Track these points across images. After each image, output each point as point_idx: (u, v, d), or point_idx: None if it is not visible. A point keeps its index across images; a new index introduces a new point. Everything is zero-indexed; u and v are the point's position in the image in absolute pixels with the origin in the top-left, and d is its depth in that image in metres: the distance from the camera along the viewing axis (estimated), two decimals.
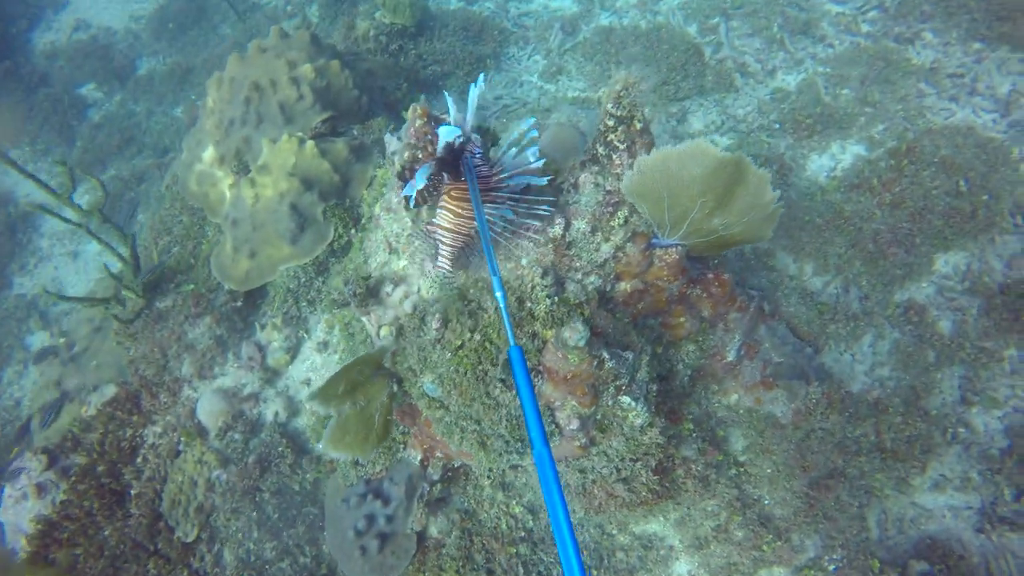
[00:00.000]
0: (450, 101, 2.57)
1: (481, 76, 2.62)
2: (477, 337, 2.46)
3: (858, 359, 4.26)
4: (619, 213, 2.67)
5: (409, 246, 2.89)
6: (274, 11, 8.92)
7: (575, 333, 2.35)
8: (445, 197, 2.62)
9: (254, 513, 3.91)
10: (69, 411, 5.24)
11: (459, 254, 2.74)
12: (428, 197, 2.67)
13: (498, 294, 2.12)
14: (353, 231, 3.91)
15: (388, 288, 2.82)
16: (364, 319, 2.96)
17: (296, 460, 4.01)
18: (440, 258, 2.72)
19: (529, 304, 2.55)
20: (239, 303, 4.42)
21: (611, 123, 2.67)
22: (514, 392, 2.47)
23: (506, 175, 2.62)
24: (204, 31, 9.46)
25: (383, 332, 2.77)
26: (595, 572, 3.61)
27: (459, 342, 2.47)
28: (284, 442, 4.02)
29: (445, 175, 2.60)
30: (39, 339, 7.35)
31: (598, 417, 2.71)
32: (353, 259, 3.34)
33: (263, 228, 4.18)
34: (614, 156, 2.71)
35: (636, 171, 2.45)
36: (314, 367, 4.20)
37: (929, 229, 4.61)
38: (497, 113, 6.19)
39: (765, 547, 3.52)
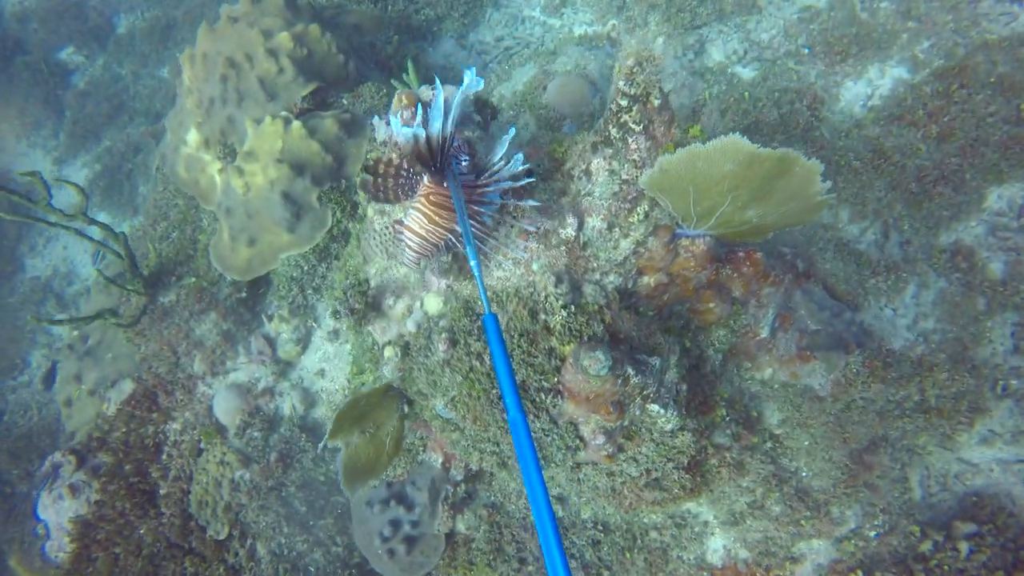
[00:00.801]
0: (439, 95, 2.21)
1: (471, 72, 2.25)
2: (488, 361, 2.25)
3: (900, 313, 3.98)
4: (639, 208, 2.37)
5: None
6: None
7: (596, 363, 2.13)
8: (422, 199, 2.36)
9: (282, 508, 3.90)
10: (91, 405, 5.25)
11: (423, 258, 2.51)
12: (399, 196, 2.41)
13: (472, 263, 2.10)
14: (350, 221, 3.65)
15: (389, 300, 2.61)
16: (368, 328, 2.76)
17: (319, 452, 3.95)
18: (405, 259, 2.51)
19: (543, 316, 2.32)
20: (243, 294, 4.25)
21: (624, 103, 2.33)
22: (532, 415, 2.29)
23: (491, 189, 2.35)
24: None
25: (387, 352, 2.58)
26: (628, 553, 3.55)
27: (468, 366, 2.26)
28: (304, 436, 3.95)
29: (425, 176, 2.34)
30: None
31: (625, 424, 2.53)
32: (351, 257, 3.11)
33: (258, 216, 3.93)
34: (630, 140, 2.38)
35: (658, 168, 2.14)
36: (326, 357, 4.07)
37: (982, 163, 4.18)
38: (499, 57, 5.70)
39: (804, 522, 3.41)
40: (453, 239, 2.37)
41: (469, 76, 2.27)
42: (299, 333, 4.08)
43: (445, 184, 2.29)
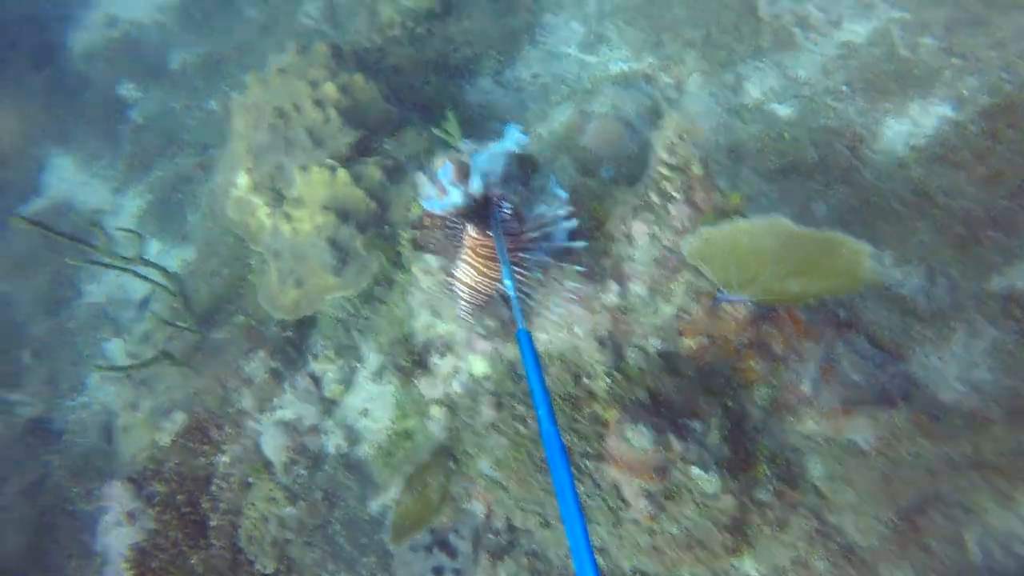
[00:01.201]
0: (477, 162, 2.24)
1: (515, 128, 2.29)
2: (533, 425, 2.31)
3: (949, 363, 3.90)
4: (680, 276, 2.42)
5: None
6: None
7: (641, 437, 2.17)
8: (468, 251, 2.40)
9: (327, 545, 4.01)
10: (146, 432, 5.48)
11: (477, 308, 2.58)
12: (446, 249, 2.47)
13: (507, 282, 2.17)
14: (394, 268, 3.76)
15: (435, 358, 2.69)
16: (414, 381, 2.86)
17: (362, 491, 4.06)
18: (459, 311, 2.55)
19: (586, 380, 2.37)
20: (290, 333, 4.40)
21: (665, 171, 2.38)
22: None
23: (537, 234, 2.38)
24: (230, 16, 9.22)
25: (434, 411, 2.67)
26: None
27: (514, 429, 2.33)
28: (349, 474, 4.06)
29: (469, 226, 2.38)
30: (115, 346, 7.68)
31: (667, 487, 2.56)
32: (396, 306, 3.22)
33: (306, 259, 4.09)
34: (671, 207, 2.42)
35: (701, 239, 2.18)
36: (370, 397, 4.18)
37: None
38: (535, 94, 5.80)
39: None
40: (501, 291, 2.40)
41: (513, 132, 2.29)
42: (344, 373, 4.20)
43: (489, 233, 2.33)
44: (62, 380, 7.53)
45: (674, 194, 2.37)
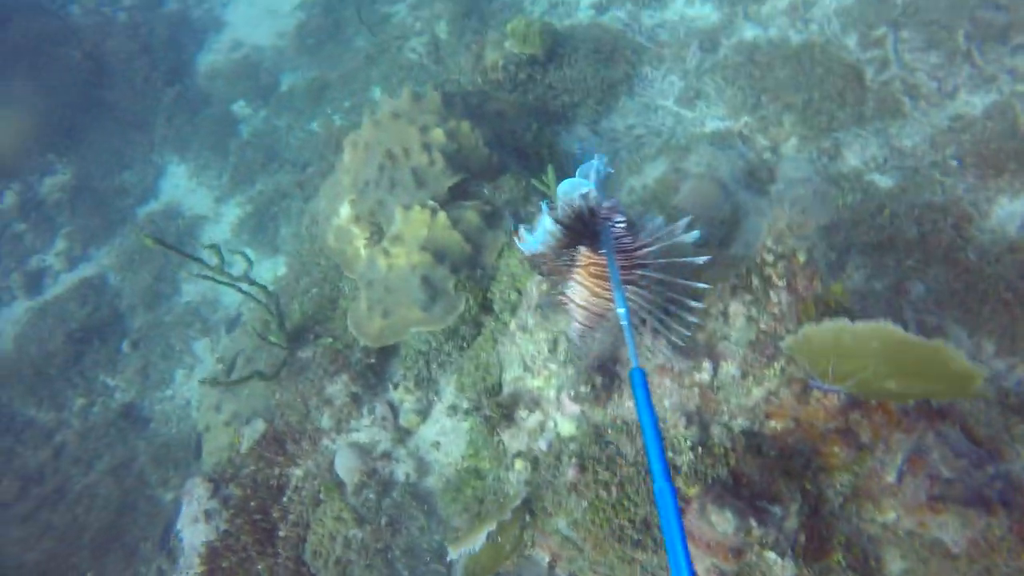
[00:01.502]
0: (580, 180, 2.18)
1: (601, 158, 2.25)
2: (614, 492, 2.35)
3: None
4: (775, 364, 2.42)
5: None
6: (402, 25, 9.05)
7: (724, 522, 2.18)
8: (582, 272, 2.37)
9: (386, 569, 4.13)
10: (225, 434, 5.81)
11: (590, 330, 2.61)
12: (558, 271, 2.46)
13: (621, 310, 2.10)
14: (484, 315, 3.90)
15: (523, 412, 2.79)
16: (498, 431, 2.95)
17: (426, 522, 4.17)
18: (571, 332, 2.61)
19: (671, 454, 2.40)
20: (373, 360, 4.60)
21: (770, 258, 2.40)
22: (651, 551, 2.36)
23: (655, 248, 2.28)
24: (340, 45, 9.83)
25: (517, 465, 2.75)
26: None
27: (595, 493, 2.38)
28: (415, 504, 4.19)
29: (580, 247, 2.33)
30: (202, 345, 8.20)
31: (741, 567, 2.53)
32: (482, 350, 3.34)
33: (396, 292, 4.29)
34: (771, 293, 2.44)
35: (802, 336, 2.19)
36: (444, 431, 4.30)
37: None
38: (629, 145, 5.89)
39: None
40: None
41: (599, 159, 2.24)
42: (421, 404, 4.36)
43: (601, 252, 2.28)
44: (153, 372, 8.07)
45: (776, 281, 2.39)
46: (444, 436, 4.28)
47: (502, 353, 3.07)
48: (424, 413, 4.37)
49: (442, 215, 4.05)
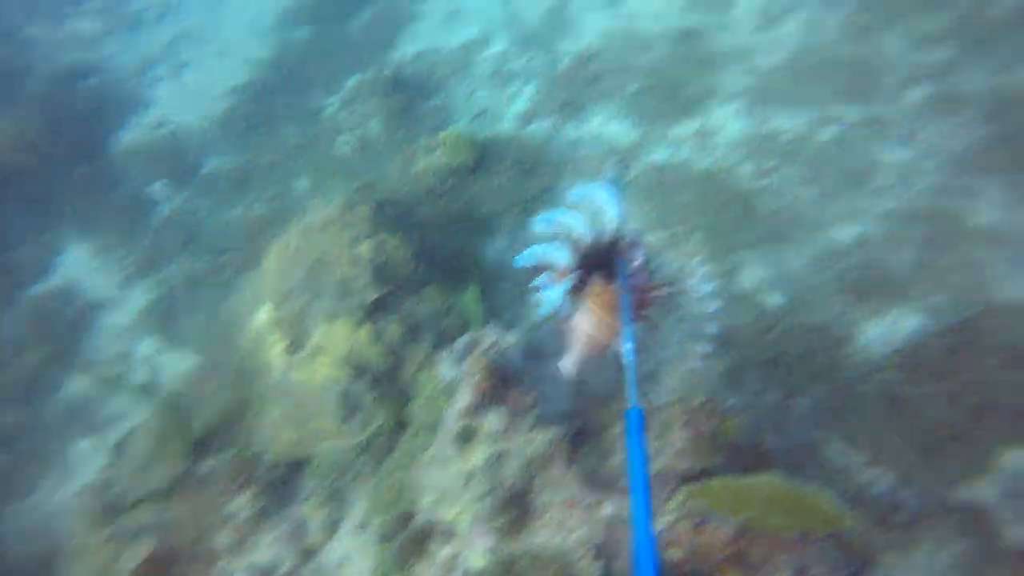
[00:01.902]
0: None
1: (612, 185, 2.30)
2: None
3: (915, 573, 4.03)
4: (675, 498, 2.63)
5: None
6: (334, 120, 9.31)
7: None
8: (594, 300, 2.35)
9: None
10: (107, 551, 5.31)
11: (586, 361, 2.47)
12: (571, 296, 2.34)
13: (627, 345, 2.03)
14: (401, 431, 3.94)
15: (436, 543, 2.82)
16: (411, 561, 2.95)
17: None
18: (566, 357, 2.45)
19: None
20: (281, 472, 4.47)
21: (674, 409, 2.66)
22: None
23: (664, 292, 2.31)
24: (269, 132, 9.90)
25: None
26: None
27: None
28: None
29: (594, 276, 2.33)
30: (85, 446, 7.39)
31: None
32: (399, 470, 3.36)
33: (312, 403, 4.26)
34: (673, 430, 2.68)
35: (702, 488, 2.42)
36: (352, 549, 4.18)
37: (995, 427, 4.39)
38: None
39: None
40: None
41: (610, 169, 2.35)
42: (329, 520, 4.23)
43: (613, 285, 2.27)
44: (16, 479, 7.14)
45: (676, 425, 2.63)
46: (352, 554, 4.16)
47: (417, 477, 3.11)
48: (332, 529, 4.23)
49: (366, 329, 4.13)
